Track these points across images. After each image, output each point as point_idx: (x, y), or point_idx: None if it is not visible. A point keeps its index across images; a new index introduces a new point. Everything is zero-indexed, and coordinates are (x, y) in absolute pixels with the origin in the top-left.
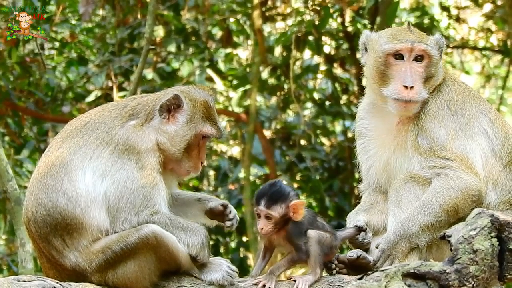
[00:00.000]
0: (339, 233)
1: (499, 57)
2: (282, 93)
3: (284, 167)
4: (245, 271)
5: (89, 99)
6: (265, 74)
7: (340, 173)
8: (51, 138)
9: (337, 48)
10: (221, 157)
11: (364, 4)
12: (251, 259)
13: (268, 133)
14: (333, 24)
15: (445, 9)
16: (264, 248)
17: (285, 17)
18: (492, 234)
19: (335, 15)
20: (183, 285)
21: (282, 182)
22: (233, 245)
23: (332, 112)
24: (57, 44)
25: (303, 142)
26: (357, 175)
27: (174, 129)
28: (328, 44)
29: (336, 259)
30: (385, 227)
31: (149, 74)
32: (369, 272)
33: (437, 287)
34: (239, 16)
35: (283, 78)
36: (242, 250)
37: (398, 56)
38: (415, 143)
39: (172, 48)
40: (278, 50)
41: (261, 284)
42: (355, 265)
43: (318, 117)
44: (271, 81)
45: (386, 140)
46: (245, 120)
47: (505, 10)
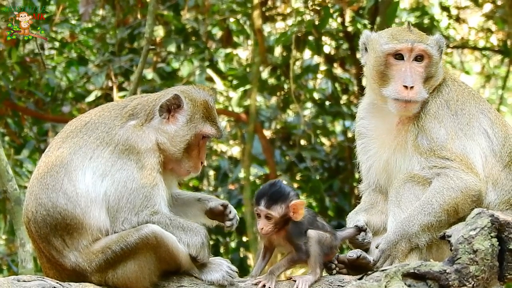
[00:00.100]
0: (339, 233)
1: (499, 57)
2: (282, 93)
3: (284, 167)
4: (245, 271)
5: (89, 99)
6: (265, 74)
7: (340, 173)
8: (51, 138)
9: (337, 48)
10: (221, 157)
11: (364, 4)
12: (251, 259)
13: (268, 133)
14: (333, 24)
15: (445, 9)
16: (264, 248)
17: (285, 17)
18: (492, 234)
19: (335, 15)
20: (183, 285)
21: (282, 182)
22: (233, 245)
23: (332, 112)
24: (57, 44)
25: (303, 142)
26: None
27: (174, 129)
28: (328, 44)
29: (336, 259)
30: (385, 227)
31: (149, 74)
32: (369, 272)
33: (437, 287)
34: (239, 16)
35: (283, 78)
36: (242, 250)
37: (398, 56)
38: (415, 143)
39: (172, 48)
40: (278, 50)
41: (261, 284)
42: (355, 265)
43: (318, 117)
44: (271, 81)
45: (386, 140)
46: (245, 120)
47: (505, 10)
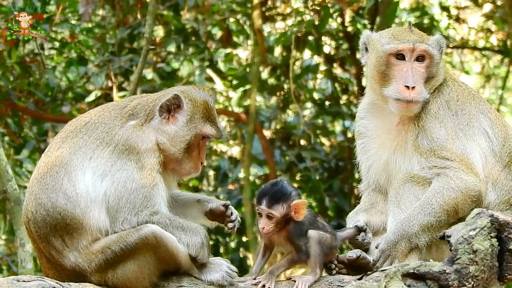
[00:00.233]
0: (339, 233)
1: (499, 57)
2: (282, 93)
3: (284, 167)
4: (244, 271)
5: (89, 99)
6: (265, 74)
7: (340, 173)
8: (51, 138)
9: (337, 48)
10: (221, 157)
11: (364, 4)
12: (251, 259)
13: (268, 133)
14: (333, 24)
15: (445, 9)
16: (264, 247)
17: (285, 17)
18: (492, 234)
19: (335, 15)
20: (182, 285)
21: (284, 182)
22: (233, 245)
23: (332, 112)
24: (57, 44)
25: (303, 142)
26: (357, 175)
27: (174, 129)
28: (328, 44)
29: (336, 259)
30: (385, 227)
31: (149, 74)
32: (368, 272)
33: (436, 287)
34: (239, 16)
35: (283, 78)
36: (242, 250)
37: (400, 56)
38: (415, 143)
39: (172, 48)
40: (278, 50)
41: (261, 284)
42: (355, 265)
43: (318, 117)
44: (271, 81)
45: (386, 140)
46: (245, 120)
47: (505, 10)
